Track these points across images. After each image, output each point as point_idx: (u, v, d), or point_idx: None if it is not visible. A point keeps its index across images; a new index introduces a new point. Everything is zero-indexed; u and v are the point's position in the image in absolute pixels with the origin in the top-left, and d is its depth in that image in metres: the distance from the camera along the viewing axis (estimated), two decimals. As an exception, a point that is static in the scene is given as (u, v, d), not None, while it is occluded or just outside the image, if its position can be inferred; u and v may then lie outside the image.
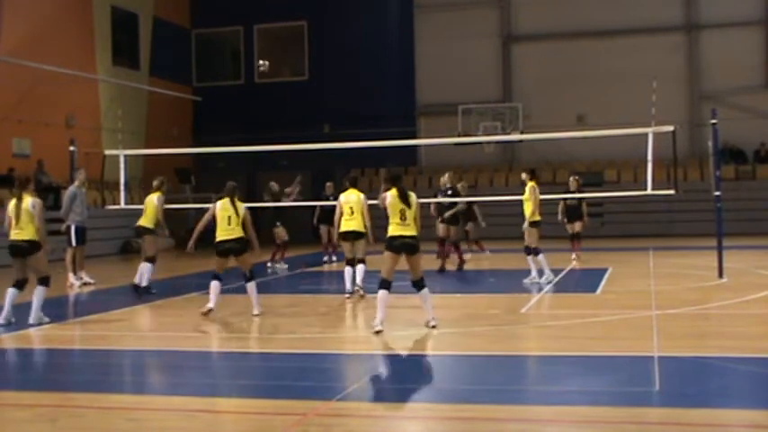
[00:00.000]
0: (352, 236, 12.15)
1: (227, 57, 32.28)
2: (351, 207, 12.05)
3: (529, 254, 13.30)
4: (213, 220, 11.06)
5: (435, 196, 16.54)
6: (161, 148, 21.23)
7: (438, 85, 28.91)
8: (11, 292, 10.47)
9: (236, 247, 10.82)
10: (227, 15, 30.79)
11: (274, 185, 17.37)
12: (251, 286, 10.87)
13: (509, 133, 25.45)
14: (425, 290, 9.39)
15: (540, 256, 13.27)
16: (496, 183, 27.77)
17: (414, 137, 26.62)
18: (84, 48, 25.43)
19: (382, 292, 9.13)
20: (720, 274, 13.37)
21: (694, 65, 27.68)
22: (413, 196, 9.39)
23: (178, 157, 25.30)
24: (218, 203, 11.04)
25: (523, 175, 13.83)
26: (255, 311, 10.77)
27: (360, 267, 12.16)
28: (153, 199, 13.57)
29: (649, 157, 13.30)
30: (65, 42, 24.30)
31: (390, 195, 9.33)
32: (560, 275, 14.59)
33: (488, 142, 25.91)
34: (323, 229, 18.20)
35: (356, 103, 28.19)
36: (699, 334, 8.94)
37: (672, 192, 14.07)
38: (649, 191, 13.72)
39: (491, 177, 28.00)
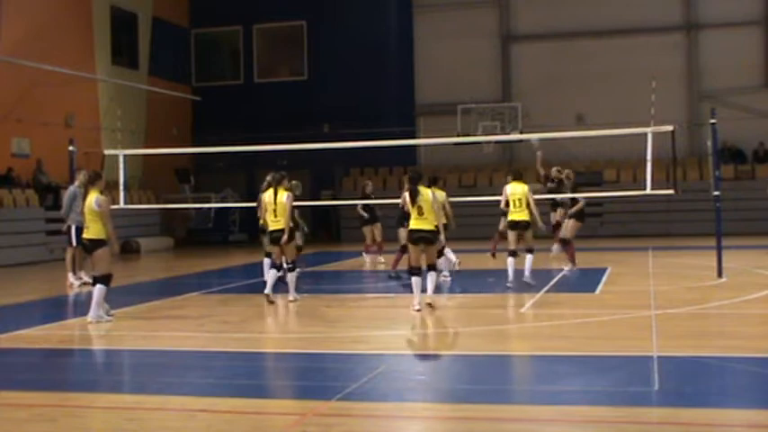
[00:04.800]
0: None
1: (226, 56, 32.28)
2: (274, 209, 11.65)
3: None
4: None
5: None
6: (160, 148, 21.22)
7: (437, 84, 28.89)
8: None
9: None
10: (227, 15, 30.77)
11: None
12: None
13: (508, 133, 25.45)
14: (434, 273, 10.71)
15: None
16: (495, 182, 27.73)
17: (413, 136, 26.59)
18: (83, 47, 25.42)
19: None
20: (720, 274, 13.38)
21: (694, 65, 27.68)
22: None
23: (177, 156, 25.29)
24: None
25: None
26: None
27: (291, 276, 11.90)
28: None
29: (648, 156, 13.30)
30: (64, 42, 24.28)
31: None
32: (559, 275, 14.60)
33: (488, 142, 25.91)
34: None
35: (355, 103, 28.16)
36: (698, 334, 8.95)
37: (671, 192, 14.07)
38: (648, 191, 13.73)
39: (490, 177, 28.00)
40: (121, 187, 15.73)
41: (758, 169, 26.39)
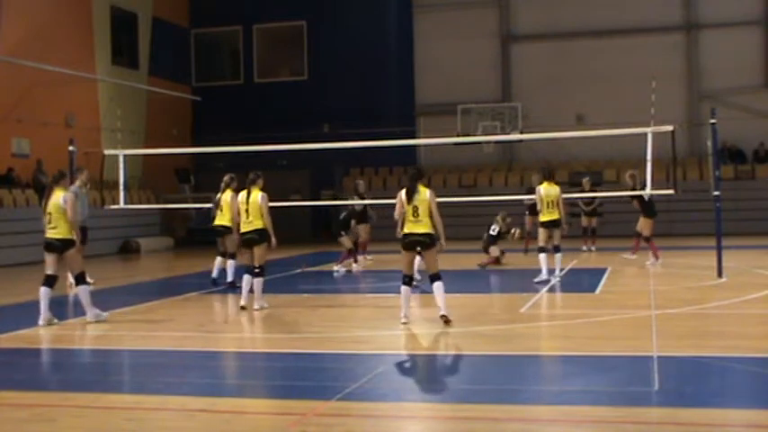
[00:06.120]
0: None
1: (226, 56, 32.28)
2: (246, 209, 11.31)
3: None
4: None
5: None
6: (160, 148, 21.23)
7: (437, 84, 28.91)
8: None
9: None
10: (227, 15, 30.78)
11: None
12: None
13: (508, 133, 25.45)
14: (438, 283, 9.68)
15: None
16: (495, 182, 27.76)
17: (413, 137, 26.56)
18: (83, 47, 25.42)
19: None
20: (720, 274, 13.38)
21: (694, 64, 27.69)
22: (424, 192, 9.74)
23: (177, 156, 25.31)
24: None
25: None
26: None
27: (257, 282, 11.20)
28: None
29: (648, 156, 13.31)
30: (64, 42, 24.29)
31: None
32: (560, 275, 14.58)
33: (488, 142, 25.91)
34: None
35: (356, 103, 28.18)
36: (698, 334, 8.94)
37: (671, 192, 14.07)
38: (648, 191, 13.72)
39: (490, 177, 28.02)
40: (121, 187, 15.72)
41: (758, 169, 26.40)
